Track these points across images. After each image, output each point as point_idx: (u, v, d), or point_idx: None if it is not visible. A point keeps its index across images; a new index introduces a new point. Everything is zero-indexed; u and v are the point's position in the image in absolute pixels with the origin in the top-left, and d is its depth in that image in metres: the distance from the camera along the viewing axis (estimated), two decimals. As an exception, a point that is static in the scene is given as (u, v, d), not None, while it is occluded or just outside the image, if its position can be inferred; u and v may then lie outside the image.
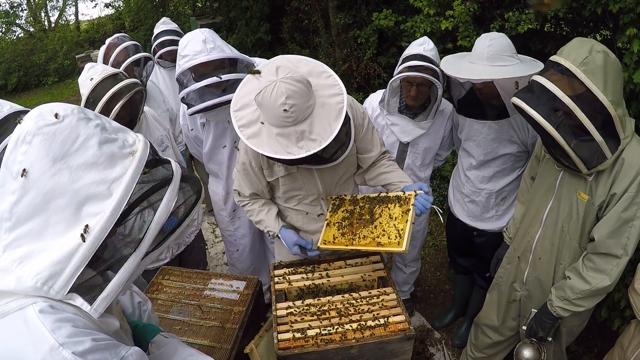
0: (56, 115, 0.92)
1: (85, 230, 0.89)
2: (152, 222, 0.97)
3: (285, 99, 1.63)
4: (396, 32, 4.91)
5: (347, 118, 1.84)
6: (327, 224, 2.08)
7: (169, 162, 1.06)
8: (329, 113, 1.75)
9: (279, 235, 2.14)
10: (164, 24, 4.22)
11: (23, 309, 0.90)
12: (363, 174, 2.27)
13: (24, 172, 0.89)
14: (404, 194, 1.98)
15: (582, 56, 1.68)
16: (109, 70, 2.51)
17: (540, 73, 1.83)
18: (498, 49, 2.21)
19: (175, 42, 4.00)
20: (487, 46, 2.22)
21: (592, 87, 1.66)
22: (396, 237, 1.85)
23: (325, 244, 2.01)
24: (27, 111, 2.45)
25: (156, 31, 4.18)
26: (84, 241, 0.89)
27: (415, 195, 1.93)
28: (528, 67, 2.19)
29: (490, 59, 2.21)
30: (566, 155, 1.79)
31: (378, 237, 1.90)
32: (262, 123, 1.74)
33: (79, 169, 0.90)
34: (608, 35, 4.66)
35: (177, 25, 4.32)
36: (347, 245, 1.96)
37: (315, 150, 1.70)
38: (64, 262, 0.89)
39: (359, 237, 1.95)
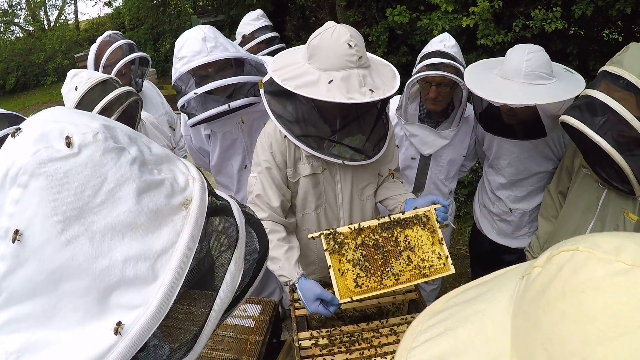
0: (68, 142, 0.56)
1: (116, 331, 0.57)
2: (212, 308, 0.64)
3: (350, 36, 1.60)
4: (408, 30, 4.71)
5: (387, 113, 1.90)
6: (338, 270, 1.67)
7: (228, 205, 0.72)
8: (386, 74, 1.75)
9: (297, 285, 1.74)
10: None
11: None
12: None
13: (16, 235, 0.55)
14: (422, 212, 1.77)
15: None
16: (96, 76, 2.20)
17: (593, 86, 1.64)
18: (537, 64, 1.90)
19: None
20: (526, 60, 1.90)
21: None
22: (439, 260, 1.69)
23: (352, 295, 1.62)
24: (13, 115, 2.18)
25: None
26: (115, 347, 0.57)
27: (434, 212, 1.77)
28: (572, 86, 1.92)
29: (528, 76, 1.90)
30: (621, 179, 1.61)
31: (418, 266, 1.69)
32: (318, 72, 1.63)
33: (106, 235, 0.57)
34: (620, 37, 4.50)
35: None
36: (387, 287, 1.63)
37: (379, 98, 1.61)
38: None
39: (393, 273, 1.67)
